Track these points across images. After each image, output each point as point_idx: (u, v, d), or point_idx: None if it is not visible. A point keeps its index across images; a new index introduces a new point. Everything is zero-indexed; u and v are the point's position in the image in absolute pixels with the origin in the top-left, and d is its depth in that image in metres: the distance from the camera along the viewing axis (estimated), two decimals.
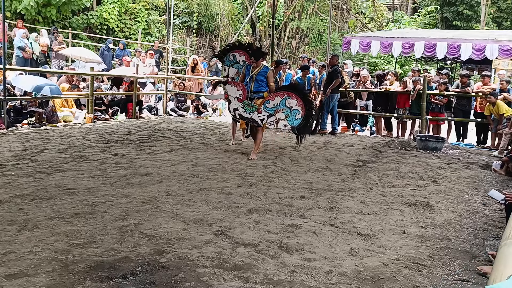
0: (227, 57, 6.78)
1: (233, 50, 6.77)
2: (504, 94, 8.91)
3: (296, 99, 6.42)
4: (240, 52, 6.71)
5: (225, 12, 21.21)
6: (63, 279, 2.66)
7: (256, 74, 6.50)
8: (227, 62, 6.79)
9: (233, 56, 6.73)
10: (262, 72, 6.51)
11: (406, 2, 26.58)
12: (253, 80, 6.55)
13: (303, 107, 6.42)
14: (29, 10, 15.46)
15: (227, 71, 6.83)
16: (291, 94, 6.45)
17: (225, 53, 6.82)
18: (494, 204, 4.82)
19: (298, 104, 6.41)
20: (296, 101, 6.42)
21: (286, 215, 4.06)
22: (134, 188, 4.66)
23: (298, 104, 6.41)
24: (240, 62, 6.75)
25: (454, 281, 2.93)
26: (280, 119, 6.47)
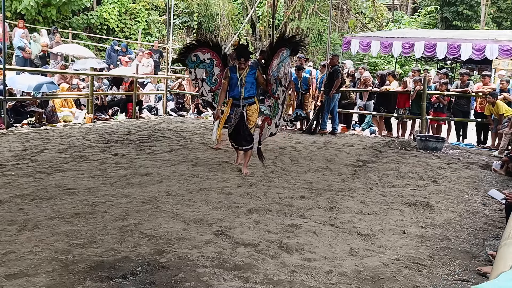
0: (189, 58, 6.13)
1: (193, 51, 6.12)
2: (504, 94, 8.91)
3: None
4: (203, 50, 6.07)
5: (225, 12, 21.22)
6: (63, 279, 2.66)
7: (245, 77, 5.43)
8: (190, 64, 6.16)
9: (196, 57, 6.09)
10: (251, 73, 5.49)
11: (406, 2, 26.58)
12: (244, 83, 5.44)
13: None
14: (29, 10, 15.47)
15: (193, 74, 6.26)
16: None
17: (185, 56, 6.17)
18: (494, 204, 4.82)
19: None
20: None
21: (286, 215, 4.06)
22: (134, 188, 4.66)
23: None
24: (206, 61, 6.14)
25: (454, 281, 2.93)
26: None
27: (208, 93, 6.33)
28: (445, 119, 9.60)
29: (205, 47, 6.12)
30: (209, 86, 6.28)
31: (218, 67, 6.14)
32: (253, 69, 5.56)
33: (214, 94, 6.25)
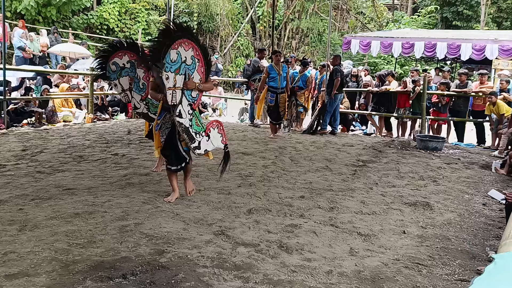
0: (108, 69, 5.17)
1: (108, 59, 5.16)
2: (504, 94, 8.92)
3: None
4: (119, 54, 5.15)
5: (225, 12, 21.22)
6: (63, 279, 2.66)
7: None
8: (112, 75, 5.19)
9: (115, 64, 5.13)
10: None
11: (406, 2, 26.58)
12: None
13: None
14: (29, 10, 15.48)
15: (119, 85, 5.27)
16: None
17: (104, 68, 5.19)
18: (494, 204, 4.82)
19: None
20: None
21: (286, 215, 4.06)
22: (134, 188, 4.66)
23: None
24: (126, 66, 5.21)
25: (454, 281, 2.93)
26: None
27: (140, 103, 5.23)
28: (445, 119, 9.60)
29: (120, 50, 5.18)
30: (139, 94, 5.24)
31: (140, 68, 5.18)
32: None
33: (148, 102, 5.18)
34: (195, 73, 4.23)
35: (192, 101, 4.27)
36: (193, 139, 4.27)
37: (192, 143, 4.26)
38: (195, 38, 4.28)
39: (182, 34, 4.10)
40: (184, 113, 4.22)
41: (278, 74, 8.30)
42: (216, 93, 13.05)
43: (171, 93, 4.14)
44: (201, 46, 4.28)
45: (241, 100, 12.83)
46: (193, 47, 4.17)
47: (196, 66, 4.23)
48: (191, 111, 4.26)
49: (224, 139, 4.50)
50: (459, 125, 9.61)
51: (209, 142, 4.39)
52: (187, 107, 4.23)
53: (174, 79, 4.10)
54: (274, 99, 8.45)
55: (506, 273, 1.63)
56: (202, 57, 4.27)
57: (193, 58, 4.19)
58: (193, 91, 4.25)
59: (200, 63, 4.25)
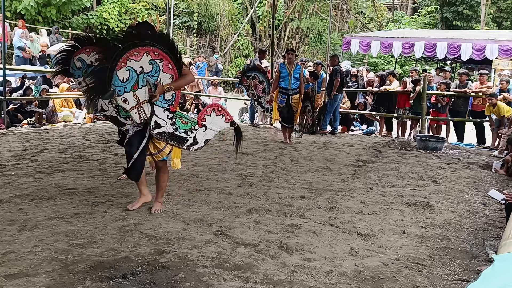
0: (72, 65, 4.35)
1: (73, 54, 4.34)
2: (504, 94, 8.91)
3: None
4: (87, 50, 4.31)
5: (225, 12, 21.21)
6: (63, 279, 2.66)
7: None
8: (76, 72, 4.35)
9: (81, 61, 4.32)
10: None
11: (406, 2, 26.58)
12: None
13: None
14: (29, 10, 15.47)
15: (83, 83, 4.32)
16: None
17: (67, 63, 4.39)
18: (494, 204, 4.82)
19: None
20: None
21: (286, 215, 4.06)
22: (134, 188, 4.66)
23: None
24: (94, 63, 4.29)
25: (454, 281, 2.93)
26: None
27: (108, 106, 4.41)
28: (445, 119, 9.60)
29: (89, 45, 4.35)
30: None
31: None
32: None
33: (118, 105, 4.23)
34: (161, 75, 3.77)
35: (168, 105, 3.86)
36: (184, 140, 3.94)
37: (184, 144, 3.95)
38: (147, 37, 3.69)
39: (127, 46, 3.61)
40: (163, 121, 3.84)
41: (288, 74, 7.80)
42: (216, 93, 13.05)
43: (137, 111, 3.74)
44: (159, 42, 3.72)
45: (241, 100, 12.83)
46: (147, 51, 3.68)
47: (160, 68, 3.76)
48: (170, 114, 3.87)
49: (227, 117, 4.11)
50: (459, 125, 9.61)
51: (208, 130, 4.06)
52: (163, 113, 3.84)
53: (135, 97, 3.71)
54: (285, 100, 7.92)
55: (502, 277, 1.61)
56: (165, 52, 3.77)
57: (153, 62, 3.73)
58: (166, 94, 3.82)
59: (165, 60, 3.78)
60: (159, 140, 3.91)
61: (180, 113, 3.98)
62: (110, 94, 3.66)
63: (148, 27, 3.88)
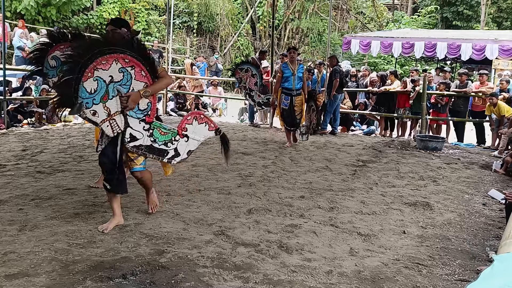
0: (46, 65, 4.08)
1: (47, 53, 4.08)
2: (504, 94, 8.91)
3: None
4: (61, 48, 4.04)
5: (225, 12, 21.22)
6: (63, 279, 2.66)
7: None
8: (51, 72, 4.07)
9: (55, 59, 4.05)
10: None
11: (406, 2, 26.58)
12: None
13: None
14: (29, 10, 15.47)
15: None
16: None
17: (40, 62, 4.10)
18: (494, 204, 4.82)
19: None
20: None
21: (286, 215, 4.06)
22: (134, 188, 4.65)
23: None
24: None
25: (454, 281, 2.93)
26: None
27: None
28: (445, 119, 9.60)
29: (63, 42, 4.05)
30: None
31: None
32: None
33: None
34: (133, 83, 3.43)
35: (143, 116, 3.53)
36: (164, 152, 3.64)
37: (164, 157, 3.65)
38: (115, 44, 3.37)
39: (93, 55, 3.30)
40: (139, 133, 3.53)
41: (292, 74, 7.39)
42: (216, 93, 13.05)
43: (108, 124, 3.42)
44: (129, 48, 3.39)
45: (241, 100, 12.83)
46: (116, 59, 3.36)
47: (132, 76, 3.43)
48: (147, 125, 3.55)
49: (211, 125, 3.80)
50: (459, 125, 9.61)
51: (191, 141, 3.75)
52: (139, 125, 3.52)
53: (105, 108, 3.39)
54: (289, 102, 7.51)
55: (501, 277, 1.61)
56: (137, 59, 3.43)
57: (123, 70, 3.39)
58: (140, 104, 3.48)
59: (137, 67, 3.44)
60: (135, 153, 3.57)
61: (157, 123, 3.62)
62: (78, 108, 3.30)
63: (122, 24, 3.65)
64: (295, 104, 7.51)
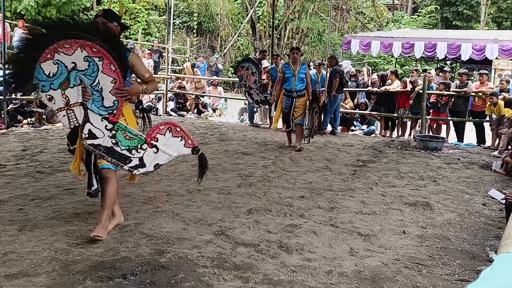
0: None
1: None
2: (504, 94, 8.91)
3: None
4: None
5: (225, 12, 21.23)
6: (63, 279, 2.66)
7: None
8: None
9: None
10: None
11: (406, 2, 26.59)
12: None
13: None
14: (29, 10, 15.48)
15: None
16: None
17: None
18: (494, 204, 4.82)
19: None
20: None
21: (286, 215, 4.06)
22: (134, 188, 4.66)
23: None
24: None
25: (454, 281, 2.93)
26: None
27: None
28: (445, 119, 9.60)
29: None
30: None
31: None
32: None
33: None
34: (100, 76, 3.13)
35: (107, 113, 3.20)
36: (126, 159, 3.25)
37: (126, 164, 3.26)
38: (85, 29, 3.07)
39: (55, 36, 3.01)
40: (99, 131, 3.19)
41: (293, 74, 7.06)
42: (216, 93, 13.05)
43: (65, 114, 3.15)
44: (100, 37, 3.10)
45: (241, 100, 12.83)
46: (82, 46, 3.05)
47: (99, 68, 3.11)
48: (110, 125, 3.21)
49: (187, 142, 3.48)
50: (459, 125, 9.61)
51: (161, 153, 3.35)
52: (101, 122, 3.19)
53: (64, 97, 3.11)
54: (289, 104, 7.18)
55: (501, 277, 1.61)
56: (107, 50, 3.11)
57: (89, 59, 3.09)
58: (105, 100, 3.17)
59: (106, 59, 3.12)
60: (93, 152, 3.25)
61: (123, 125, 3.26)
62: (30, 88, 3.12)
63: (113, 17, 3.40)
64: (296, 106, 7.15)
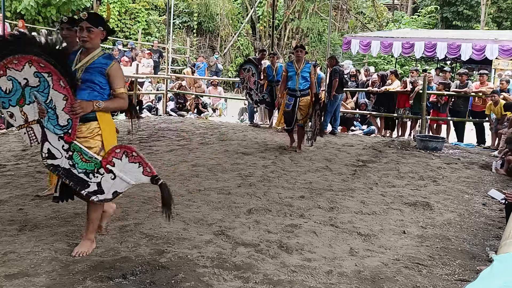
0: None
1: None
2: (504, 94, 8.91)
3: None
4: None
5: (225, 12, 21.22)
6: (63, 279, 2.66)
7: None
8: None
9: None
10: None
11: (406, 2, 26.58)
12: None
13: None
14: (29, 10, 15.47)
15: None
16: None
17: None
18: (494, 204, 4.82)
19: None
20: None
21: (286, 215, 4.06)
22: (134, 188, 4.65)
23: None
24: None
25: (454, 281, 2.93)
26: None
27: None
28: (445, 119, 9.60)
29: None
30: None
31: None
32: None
33: None
34: (51, 93, 2.93)
35: (62, 133, 2.98)
36: (84, 184, 3.00)
37: (84, 189, 3.01)
38: (29, 43, 2.94)
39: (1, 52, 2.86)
40: (58, 152, 2.98)
41: (296, 73, 6.81)
42: (216, 93, 13.05)
43: (26, 131, 3.02)
44: (45, 51, 2.92)
45: (241, 100, 12.83)
46: (29, 61, 2.89)
47: (49, 84, 2.93)
48: (66, 145, 2.98)
49: (146, 169, 3.06)
50: (459, 125, 9.61)
51: (118, 180, 3.04)
52: (58, 142, 2.99)
53: (23, 114, 2.98)
54: (292, 103, 6.92)
55: (500, 277, 1.61)
56: (53, 65, 2.92)
57: (39, 75, 2.91)
58: (60, 118, 2.95)
59: (55, 75, 2.93)
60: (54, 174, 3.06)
61: (78, 146, 2.99)
62: None
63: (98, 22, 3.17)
64: (300, 106, 6.91)
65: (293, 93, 6.92)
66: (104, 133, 3.05)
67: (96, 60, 3.04)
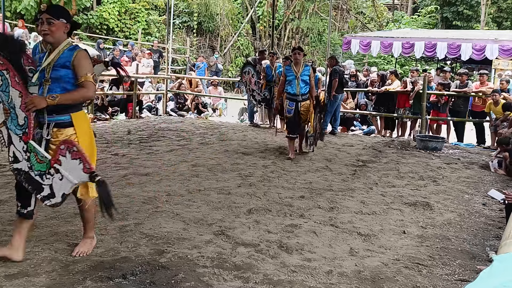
0: None
1: None
2: (504, 94, 8.91)
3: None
4: None
5: (225, 12, 21.22)
6: (63, 279, 2.66)
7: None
8: None
9: None
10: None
11: (406, 2, 26.58)
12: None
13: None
14: (29, 10, 15.48)
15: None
16: None
17: None
18: (494, 204, 4.82)
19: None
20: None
21: (286, 215, 4.06)
22: (134, 188, 4.66)
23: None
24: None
25: (454, 281, 2.93)
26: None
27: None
28: (445, 119, 9.60)
29: None
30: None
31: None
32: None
33: None
34: (11, 91, 2.74)
35: (22, 133, 2.78)
36: (39, 187, 2.80)
37: (40, 193, 2.81)
38: None
39: None
40: (20, 154, 2.80)
41: (295, 77, 6.51)
42: (216, 93, 13.05)
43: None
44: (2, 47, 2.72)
45: (241, 100, 12.83)
46: None
47: (9, 82, 2.73)
48: (25, 146, 2.78)
49: (85, 165, 2.70)
50: (458, 125, 9.61)
51: (64, 180, 2.76)
52: (19, 143, 2.79)
53: None
54: (293, 108, 6.61)
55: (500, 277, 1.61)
56: (10, 61, 2.73)
57: (0, 73, 2.72)
58: (19, 118, 2.76)
59: (11, 72, 2.73)
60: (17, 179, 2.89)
61: (32, 145, 2.78)
62: None
63: (60, 14, 2.88)
64: (301, 111, 6.64)
65: (294, 98, 6.62)
66: (80, 139, 2.84)
67: (62, 54, 2.81)
